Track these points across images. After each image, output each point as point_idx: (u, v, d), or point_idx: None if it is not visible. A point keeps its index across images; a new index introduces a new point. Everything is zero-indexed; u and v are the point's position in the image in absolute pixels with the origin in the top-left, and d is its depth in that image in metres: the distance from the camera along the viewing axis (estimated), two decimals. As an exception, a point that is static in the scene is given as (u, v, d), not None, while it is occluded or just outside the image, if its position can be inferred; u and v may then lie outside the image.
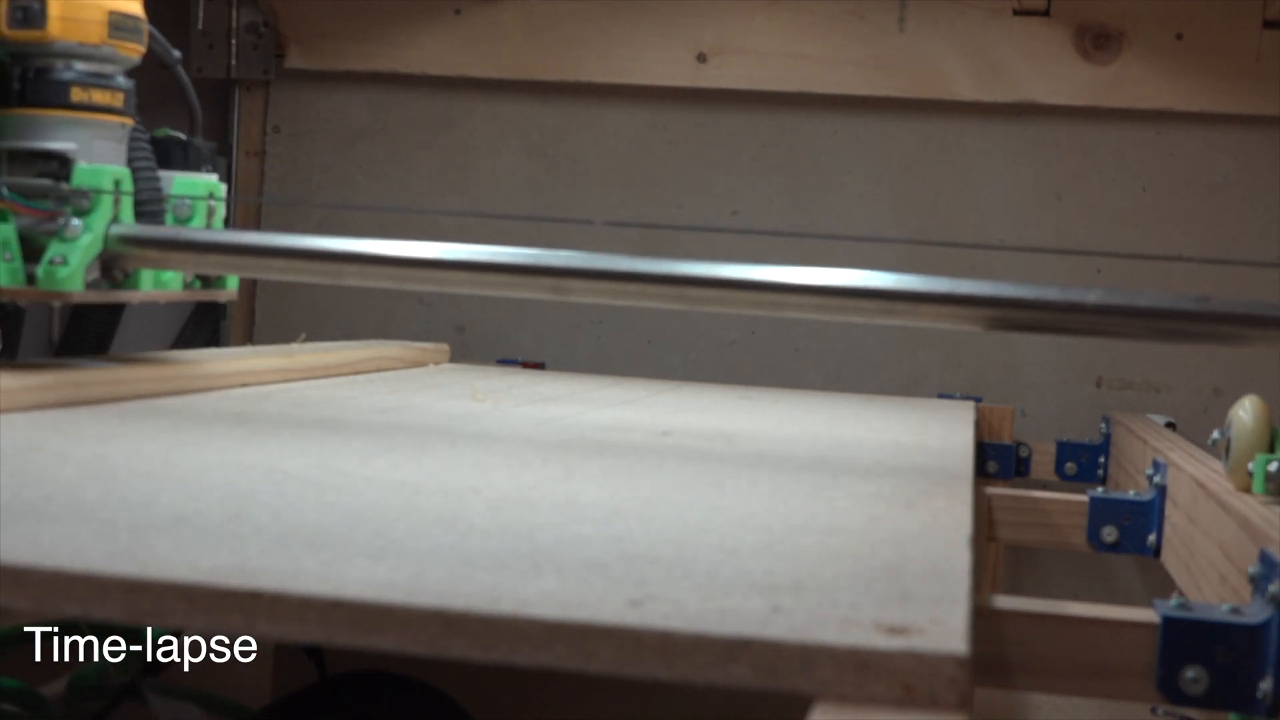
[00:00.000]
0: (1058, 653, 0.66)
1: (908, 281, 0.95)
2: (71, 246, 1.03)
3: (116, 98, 1.11)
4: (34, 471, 0.73)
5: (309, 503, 0.68)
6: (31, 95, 1.08)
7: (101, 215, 1.04)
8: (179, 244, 1.07)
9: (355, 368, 1.49)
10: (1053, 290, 0.92)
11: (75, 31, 1.08)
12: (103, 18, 1.09)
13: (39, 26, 1.07)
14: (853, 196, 1.97)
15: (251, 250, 1.07)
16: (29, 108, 1.08)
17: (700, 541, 0.64)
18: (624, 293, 1.01)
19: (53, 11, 1.07)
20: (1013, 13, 1.89)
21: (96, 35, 1.09)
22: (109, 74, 1.11)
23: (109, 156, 1.10)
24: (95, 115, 1.10)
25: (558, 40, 1.98)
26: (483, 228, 2.04)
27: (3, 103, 1.09)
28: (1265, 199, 1.88)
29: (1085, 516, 1.17)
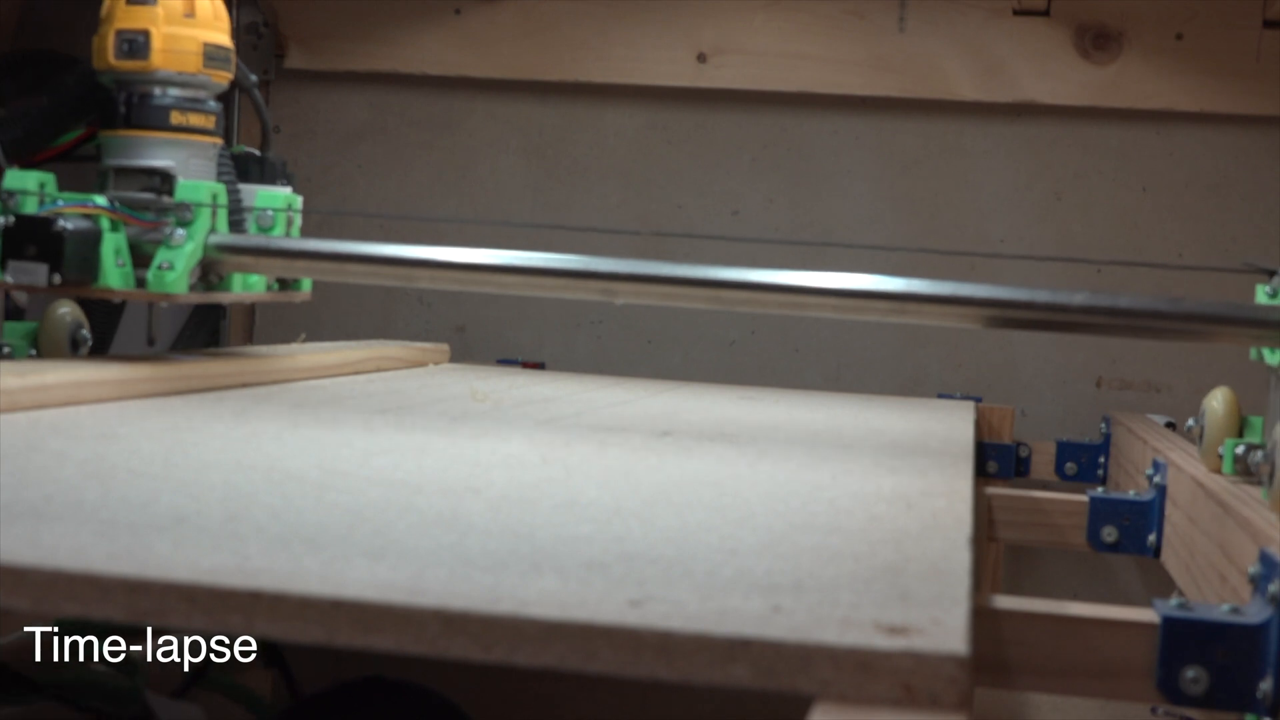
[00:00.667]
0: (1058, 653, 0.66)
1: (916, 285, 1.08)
2: (177, 253, 1.16)
3: (209, 120, 1.24)
4: (34, 471, 0.73)
5: (309, 503, 0.68)
6: (135, 118, 1.21)
7: (201, 225, 1.18)
8: (268, 251, 1.20)
9: (355, 368, 1.49)
10: (1043, 293, 1.05)
11: (175, 61, 1.21)
12: (198, 49, 1.22)
13: (143, 57, 1.20)
14: (853, 196, 1.97)
15: (330, 256, 1.19)
16: (133, 129, 1.21)
17: (700, 541, 0.64)
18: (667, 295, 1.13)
19: (155, 44, 1.20)
20: (1013, 13, 1.89)
21: (193, 65, 1.22)
22: (203, 99, 1.24)
23: (203, 173, 1.23)
24: (191, 136, 1.23)
25: (558, 40, 1.98)
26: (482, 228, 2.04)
27: (109, 125, 1.22)
28: (1265, 199, 1.88)
29: (1085, 516, 1.17)
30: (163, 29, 1.21)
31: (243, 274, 1.22)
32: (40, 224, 1.12)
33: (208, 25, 1.23)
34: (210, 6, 1.24)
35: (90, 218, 1.15)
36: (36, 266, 1.11)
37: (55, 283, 1.12)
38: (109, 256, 1.15)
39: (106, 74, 1.22)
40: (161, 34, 1.20)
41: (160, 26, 1.21)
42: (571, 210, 2.03)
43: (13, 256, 1.12)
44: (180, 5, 1.22)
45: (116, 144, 1.22)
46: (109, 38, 1.22)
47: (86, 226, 1.14)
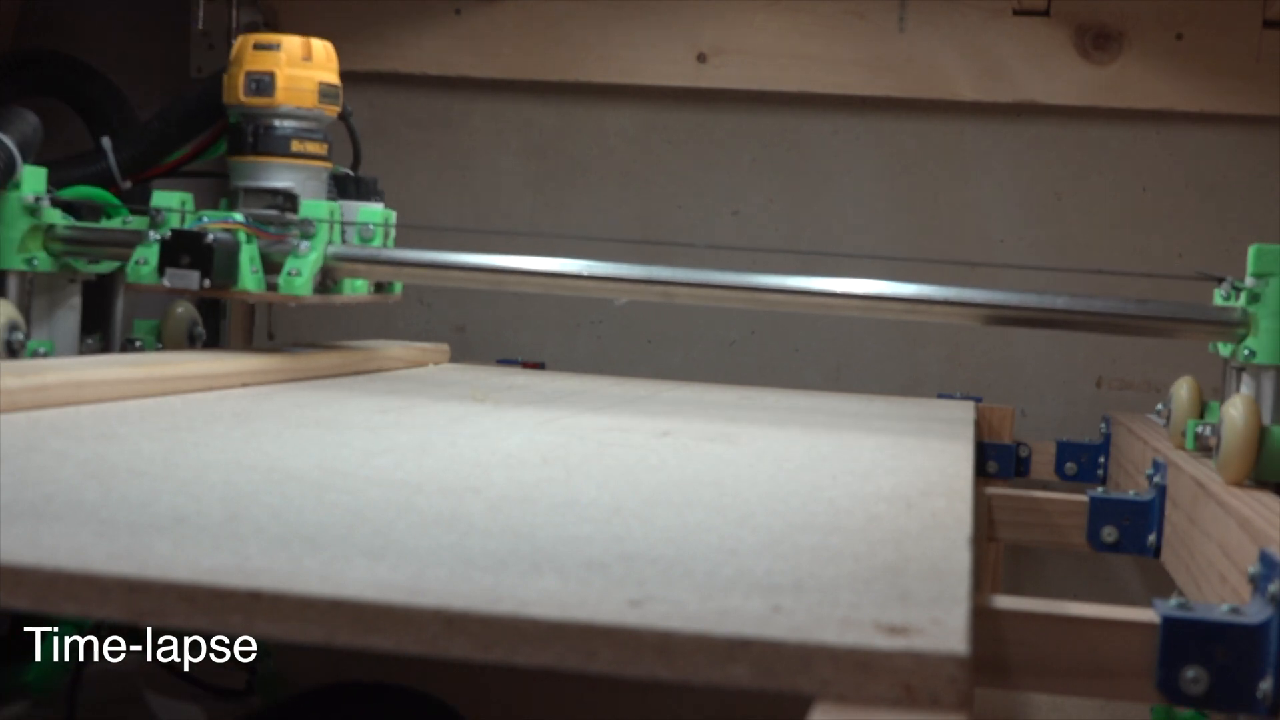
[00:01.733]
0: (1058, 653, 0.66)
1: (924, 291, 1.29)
2: (304, 262, 1.37)
3: (322, 147, 1.45)
4: (34, 471, 0.73)
5: (309, 503, 0.68)
6: (261, 146, 1.42)
7: (322, 238, 1.39)
8: (377, 260, 1.42)
9: (355, 368, 1.49)
10: (1031, 296, 1.27)
11: (295, 98, 1.42)
12: (315, 87, 1.43)
13: (269, 95, 1.41)
14: (853, 196, 1.97)
15: (427, 265, 1.40)
16: (259, 155, 1.43)
17: (700, 541, 0.64)
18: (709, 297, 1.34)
19: (279, 83, 1.41)
20: (1013, 13, 1.89)
21: (310, 101, 1.43)
22: (317, 129, 1.45)
23: (317, 192, 1.44)
24: (308, 161, 1.44)
25: (558, 40, 1.98)
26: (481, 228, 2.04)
27: (238, 151, 1.43)
28: (1265, 199, 1.88)
29: (1085, 516, 1.17)
30: (285, 70, 1.41)
31: (351, 279, 1.44)
32: (193, 237, 1.32)
33: (322, 67, 1.44)
34: (324, 51, 1.45)
35: (231, 232, 1.35)
36: (190, 273, 1.31)
37: (204, 287, 1.32)
38: (246, 265, 1.35)
39: (235, 109, 1.43)
40: (284, 75, 1.41)
41: (283, 68, 1.41)
42: (571, 210, 2.03)
43: (170, 264, 1.31)
44: (300, 50, 1.42)
45: (244, 168, 1.43)
46: (239, 78, 1.41)
47: (228, 239, 1.34)
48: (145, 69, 2.09)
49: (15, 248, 1.38)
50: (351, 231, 1.45)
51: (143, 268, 1.33)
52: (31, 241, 1.39)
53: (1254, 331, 1.14)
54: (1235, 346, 1.17)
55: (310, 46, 1.43)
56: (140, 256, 1.34)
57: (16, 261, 1.38)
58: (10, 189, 1.37)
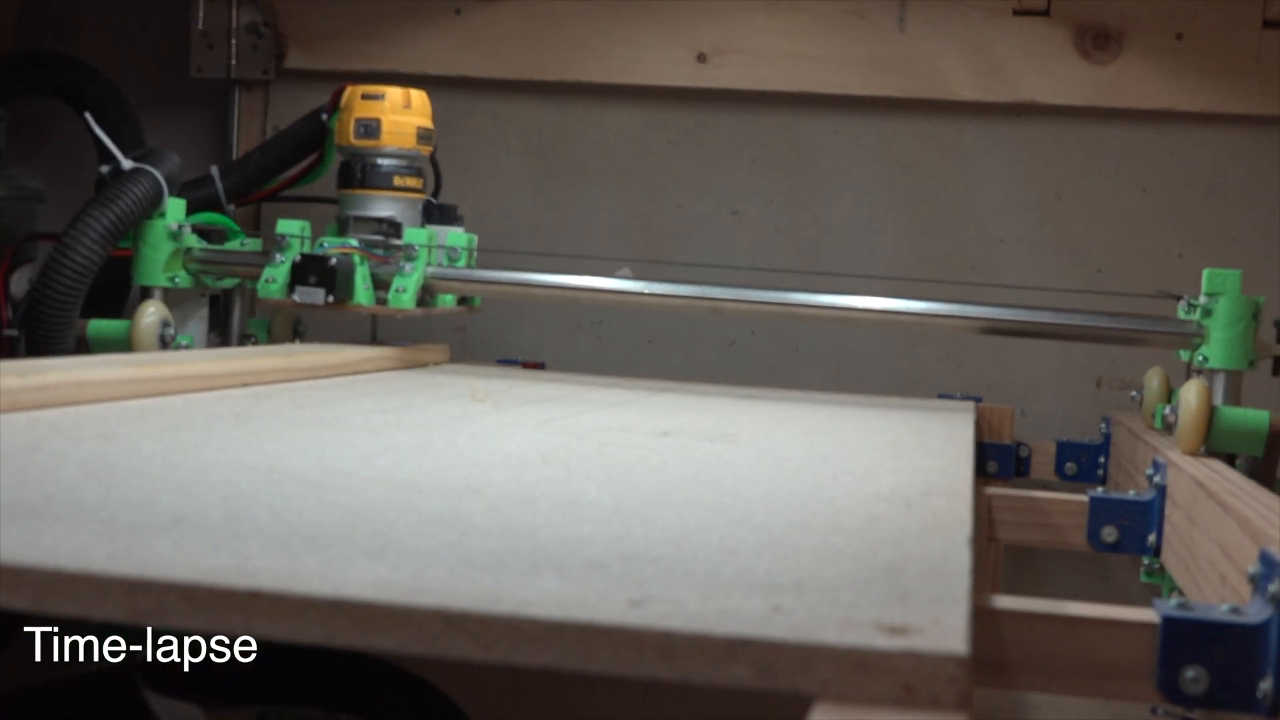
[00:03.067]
0: (1058, 653, 0.66)
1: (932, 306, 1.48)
2: (408, 280, 1.58)
3: (418, 182, 1.67)
4: (34, 471, 0.73)
5: (309, 503, 0.68)
6: (368, 181, 1.64)
7: (423, 260, 1.60)
8: (470, 280, 1.62)
9: (356, 368, 1.49)
10: (1022, 311, 1.48)
11: (397, 140, 1.64)
12: (414, 131, 1.65)
13: (375, 138, 1.63)
14: (853, 196, 1.97)
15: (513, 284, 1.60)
16: (366, 189, 1.64)
17: (700, 541, 0.64)
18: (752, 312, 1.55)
19: (385, 128, 1.64)
20: (1013, 13, 1.89)
21: (410, 142, 1.65)
22: (414, 166, 1.66)
23: (414, 220, 1.66)
24: (407, 194, 1.66)
25: (558, 40, 1.98)
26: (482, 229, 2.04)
27: (347, 185, 1.64)
28: (1265, 199, 1.88)
29: (1085, 516, 1.17)
30: (390, 117, 1.63)
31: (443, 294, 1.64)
32: (319, 260, 1.54)
33: (419, 113, 1.66)
34: (420, 100, 1.66)
35: (348, 255, 1.57)
36: (316, 290, 1.53)
37: (329, 301, 1.53)
38: (360, 283, 1.56)
39: (346, 149, 1.65)
40: (389, 120, 1.63)
41: (388, 115, 1.63)
42: (571, 210, 2.03)
43: (299, 283, 1.54)
44: (401, 99, 1.64)
45: (353, 200, 1.64)
46: (349, 123, 1.64)
47: (347, 261, 1.56)
48: (145, 69, 2.09)
49: (161, 268, 1.61)
50: (440, 252, 1.64)
51: (271, 285, 1.56)
52: (174, 262, 1.62)
53: (1207, 341, 1.35)
54: (1192, 354, 1.36)
55: (410, 96, 1.64)
56: (269, 275, 1.56)
57: (161, 279, 1.61)
58: (156, 217, 1.59)
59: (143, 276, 1.61)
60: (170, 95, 2.09)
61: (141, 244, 1.60)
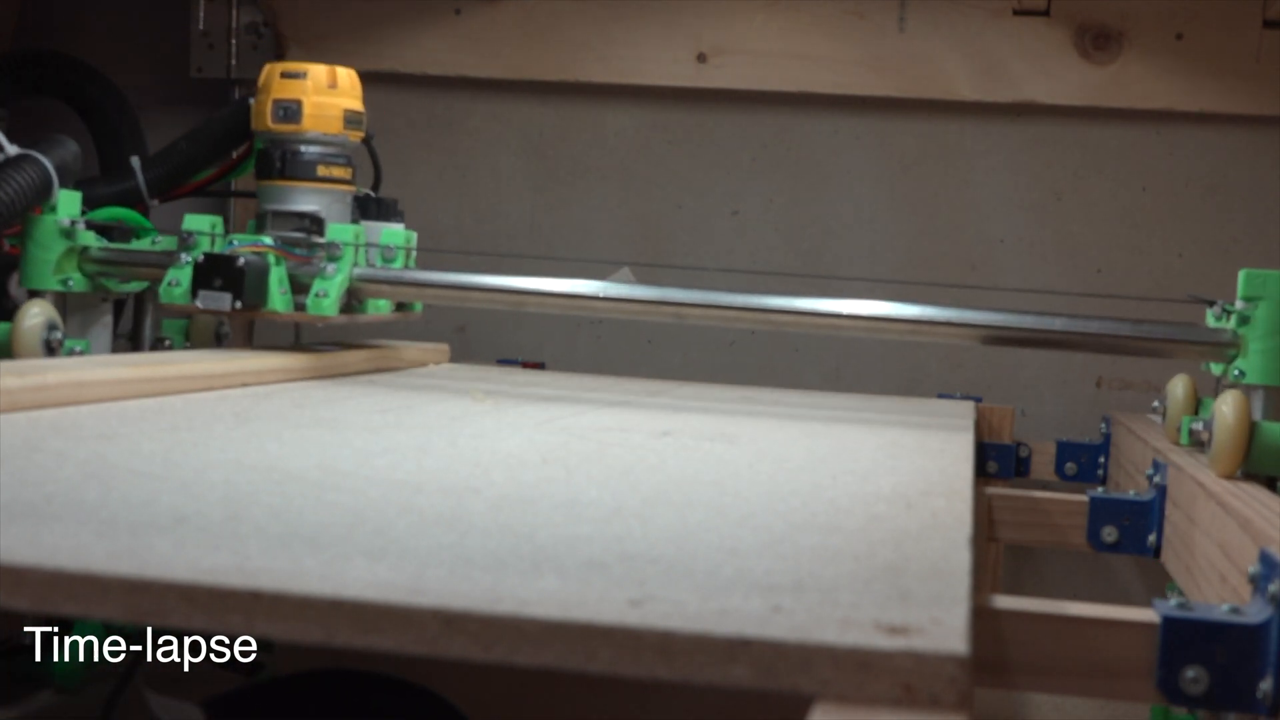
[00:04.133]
0: (1058, 653, 0.66)
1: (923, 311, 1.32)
2: (330, 283, 1.40)
3: (346, 172, 1.49)
4: (34, 471, 0.73)
5: (309, 503, 0.68)
6: (289, 171, 1.45)
7: (348, 260, 1.42)
8: (401, 282, 1.45)
9: (356, 368, 1.49)
10: (1029, 318, 1.31)
11: (321, 125, 1.46)
12: (340, 114, 1.47)
13: (296, 122, 1.45)
14: (853, 196, 1.97)
15: (451, 286, 1.42)
16: (287, 180, 1.46)
17: (700, 541, 0.64)
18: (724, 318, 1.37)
19: (306, 110, 1.45)
20: (1013, 13, 1.89)
21: (335, 127, 1.47)
22: (342, 154, 1.48)
23: (342, 216, 1.48)
24: (333, 185, 1.47)
25: (558, 40, 1.98)
26: (482, 229, 2.04)
27: (266, 176, 1.46)
28: (1265, 199, 1.88)
29: (1085, 516, 1.17)
30: (312, 98, 1.45)
31: (374, 299, 1.47)
32: (225, 260, 1.36)
33: (346, 94, 1.48)
34: (349, 79, 1.48)
35: (260, 255, 1.39)
36: (222, 295, 1.35)
37: (236, 308, 1.35)
38: (275, 286, 1.39)
39: (264, 135, 1.46)
40: (311, 102, 1.45)
41: (310, 96, 1.45)
42: (571, 210, 2.03)
43: (203, 287, 1.35)
44: (325, 78, 1.46)
45: (272, 192, 1.46)
46: (267, 105, 1.45)
47: (259, 262, 1.38)
48: (145, 69, 2.09)
49: (51, 269, 1.42)
50: (374, 252, 1.47)
51: (175, 289, 1.37)
52: (67, 263, 1.44)
53: (1244, 353, 1.17)
54: (1226, 366, 1.20)
55: (336, 75, 1.47)
56: (173, 278, 1.38)
57: (52, 283, 1.42)
58: (47, 212, 1.42)
59: (30, 279, 1.42)
60: (170, 95, 2.09)
61: (29, 242, 1.41)
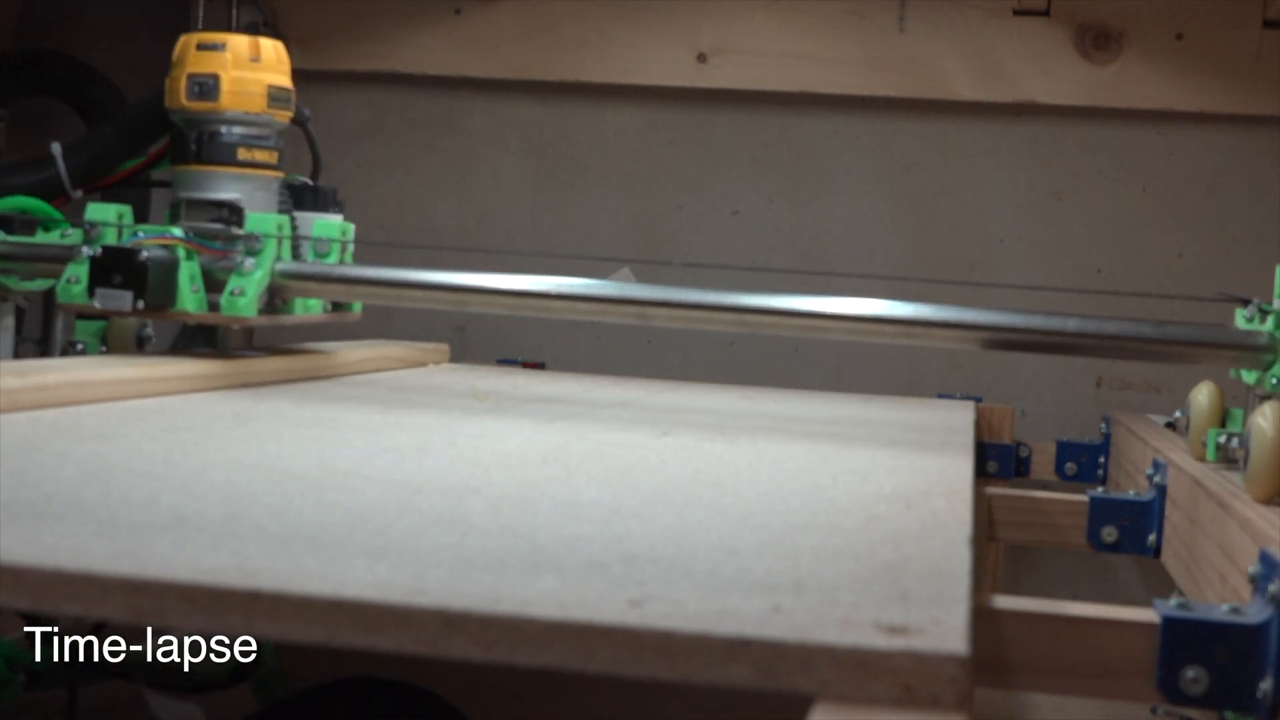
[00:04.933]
0: (1058, 653, 0.66)
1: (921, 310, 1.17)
2: (248, 280, 1.26)
3: (272, 155, 1.34)
4: (34, 471, 0.73)
5: (309, 503, 0.68)
6: (206, 154, 1.31)
7: (269, 254, 1.28)
8: (329, 278, 1.30)
9: (355, 368, 1.49)
10: (1038, 318, 1.15)
11: (241, 102, 1.31)
12: (263, 90, 1.32)
13: (213, 99, 1.31)
14: (853, 196, 1.97)
15: (385, 283, 1.28)
16: (204, 164, 1.31)
17: (700, 541, 0.64)
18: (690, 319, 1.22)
19: (224, 87, 1.31)
20: (1013, 13, 1.89)
21: (258, 105, 1.32)
22: (267, 136, 1.33)
23: (266, 204, 1.33)
24: (256, 171, 1.32)
25: (558, 40, 1.98)
26: (481, 229, 2.04)
27: (181, 160, 1.32)
28: (1265, 199, 1.88)
29: (1085, 516, 1.17)
30: (231, 73, 1.31)
31: (303, 298, 1.33)
32: (125, 255, 1.21)
33: (271, 69, 1.33)
34: (273, 51, 1.33)
35: (168, 248, 1.25)
36: (122, 294, 1.21)
37: (138, 308, 1.21)
38: (185, 283, 1.25)
39: (178, 113, 1.31)
40: (230, 77, 1.31)
41: (229, 70, 1.31)
42: (571, 210, 2.03)
43: (101, 284, 1.21)
44: (246, 50, 1.32)
45: (188, 178, 1.32)
46: (181, 80, 1.31)
47: (165, 256, 1.24)
48: (145, 69, 2.08)
49: None
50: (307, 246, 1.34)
51: (74, 286, 1.24)
52: None
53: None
54: (1261, 374, 1.06)
55: (259, 46, 1.32)
56: (72, 275, 1.25)
57: None
58: None
59: None
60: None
61: None
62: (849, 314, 1.18)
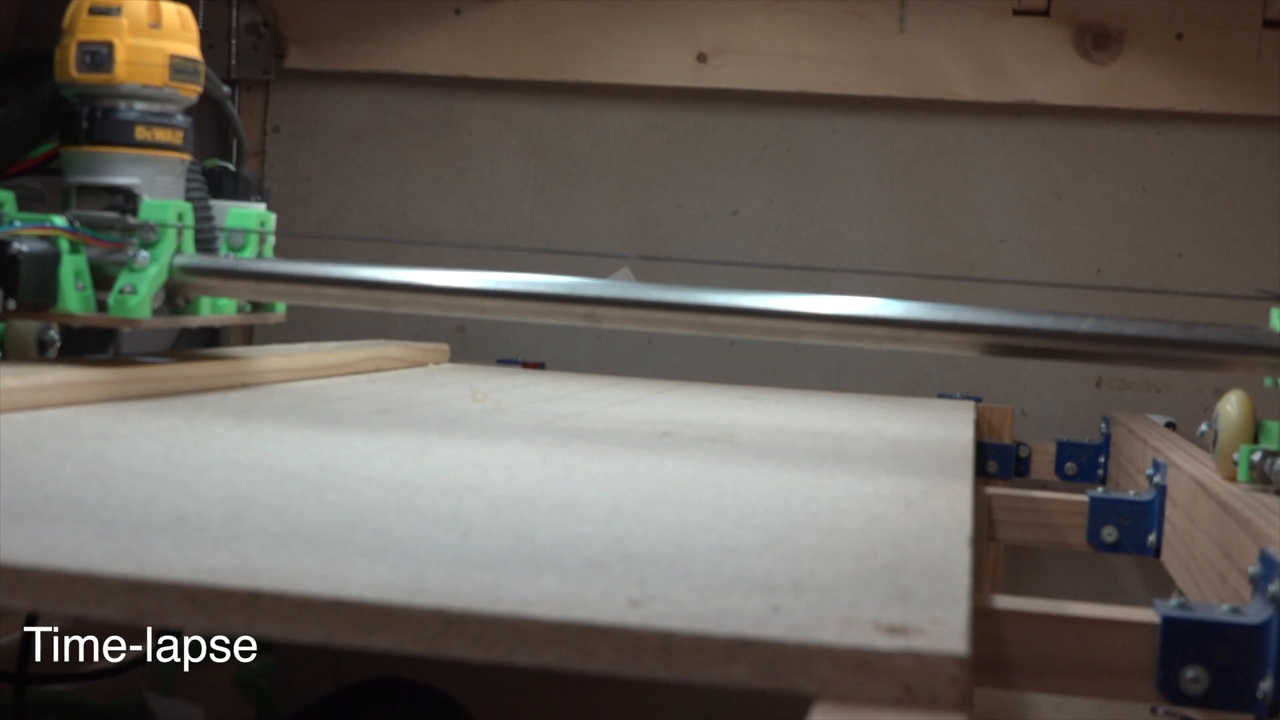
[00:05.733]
0: (1058, 653, 0.66)
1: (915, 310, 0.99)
2: (140, 276, 1.10)
3: (176, 135, 1.18)
4: (34, 471, 0.73)
5: (309, 503, 0.68)
6: (99, 134, 1.15)
7: (166, 247, 1.12)
8: (236, 273, 1.15)
9: (355, 368, 1.49)
10: (1047, 318, 0.96)
11: (139, 74, 1.15)
12: (165, 61, 1.16)
13: (106, 70, 1.14)
14: (853, 196, 1.97)
15: (302, 279, 1.13)
16: (96, 145, 1.15)
17: (700, 541, 0.64)
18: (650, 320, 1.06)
19: (119, 56, 1.14)
20: (1013, 13, 1.89)
21: (159, 78, 1.16)
22: (170, 113, 1.18)
23: (170, 191, 1.17)
24: (157, 152, 1.17)
25: (558, 40, 1.98)
26: (481, 229, 2.04)
27: (71, 140, 1.16)
28: (1265, 199, 1.88)
29: (1085, 516, 1.17)
30: (127, 40, 1.14)
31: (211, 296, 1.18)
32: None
33: (174, 36, 1.17)
34: (177, 17, 1.18)
35: (48, 239, 1.09)
36: None
37: (10, 308, 1.07)
38: (68, 280, 1.10)
39: (69, 87, 1.17)
40: (125, 45, 1.14)
41: (124, 38, 1.14)
42: (571, 210, 2.03)
43: None
44: (145, 15, 1.15)
45: (79, 160, 1.16)
46: (70, 49, 1.15)
47: (44, 249, 1.09)
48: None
49: None
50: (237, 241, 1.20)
51: None
52: None
53: None
54: None
55: (160, 11, 1.16)
56: None
57: None
58: None
59: None
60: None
61: None
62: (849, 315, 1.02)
